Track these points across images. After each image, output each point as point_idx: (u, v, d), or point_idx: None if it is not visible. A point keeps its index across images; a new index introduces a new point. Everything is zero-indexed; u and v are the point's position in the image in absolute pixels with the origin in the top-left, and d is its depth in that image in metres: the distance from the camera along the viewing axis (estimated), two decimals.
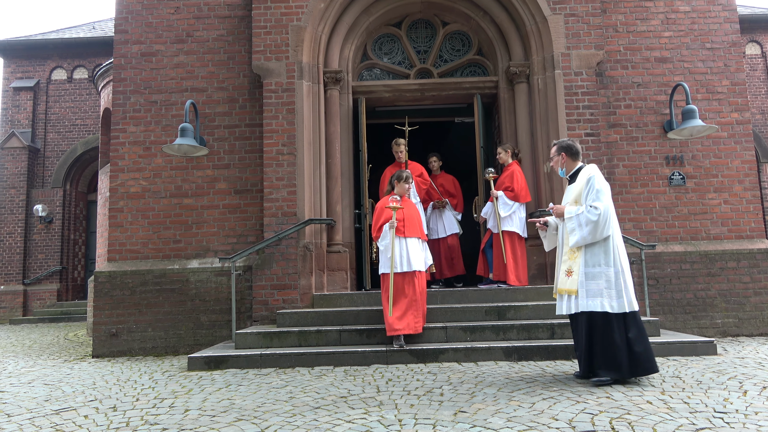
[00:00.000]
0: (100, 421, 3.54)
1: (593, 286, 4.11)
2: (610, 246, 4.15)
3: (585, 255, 4.18)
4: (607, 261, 4.13)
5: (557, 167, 4.56)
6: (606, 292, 4.08)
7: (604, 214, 4.11)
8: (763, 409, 3.29)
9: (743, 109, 7.33)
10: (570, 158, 4.48)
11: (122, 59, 7.49)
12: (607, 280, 4.10)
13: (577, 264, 4.18)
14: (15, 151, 14.57)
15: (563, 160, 4.50)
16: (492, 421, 3.21)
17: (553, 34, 7.05)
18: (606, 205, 4.15)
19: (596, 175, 4.29)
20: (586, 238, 4.15)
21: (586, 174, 4.32)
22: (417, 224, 5.71)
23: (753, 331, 6.81)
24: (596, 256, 4.17)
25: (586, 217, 4.15)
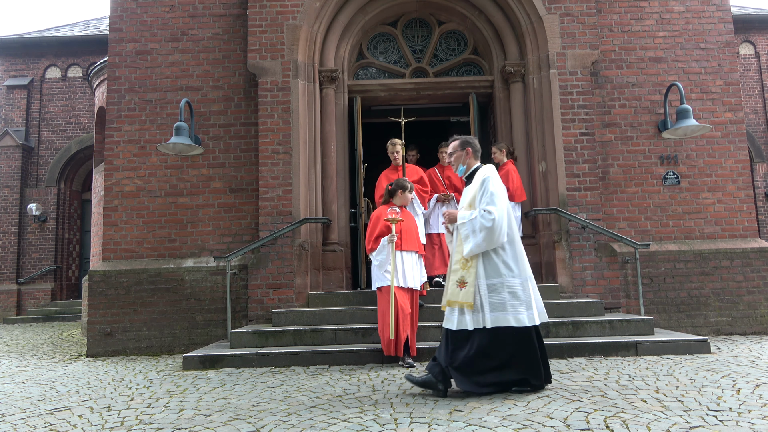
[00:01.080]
0: (95, 421, 3.53)
1: (496, 299, 3.76)
2: (509, 252, 3.84)
3: (483, 264, 3.82)
4: (510, 270, 3.82)
5: (457, 163, 4.15)
6: (510, 304, 3.75)
7: (499, 219, 3.76)
8: (756, 407, 3.31)
9: (737, 108, 7.37)
10: (473, 155, 4.12)
11: (117, 58, 7.46)
12: (510, 291, 3.78)
13: (471, 274, 3.80)
14: (8, 150, 14.49)
15: (467, 156, 4.11)
16: (487, 419, 3.21)
17: (549, 34, 7.07)
18: (501, 209, 3.80)
19: (491, 176, 3.94)
20: (481, 245, 3.79)
21: (482, 175, 3.96)
22: (414, 237, 5.36)
23: (746, 330, 6.85)
24: (496, 265, 3.81)
25: (480, 223, 3.78)
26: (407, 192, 5.36)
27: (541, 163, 7.06)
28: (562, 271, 6.71)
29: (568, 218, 6.69)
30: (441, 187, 6.95)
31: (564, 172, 6.85)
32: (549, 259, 6.88)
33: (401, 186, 5.36)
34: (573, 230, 6.75)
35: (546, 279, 6.90)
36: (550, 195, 6.91)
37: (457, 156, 4.12)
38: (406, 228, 5.25)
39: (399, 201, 5.37)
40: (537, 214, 6.95)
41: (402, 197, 5.36)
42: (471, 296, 3.76)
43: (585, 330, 5.67)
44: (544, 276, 6.94)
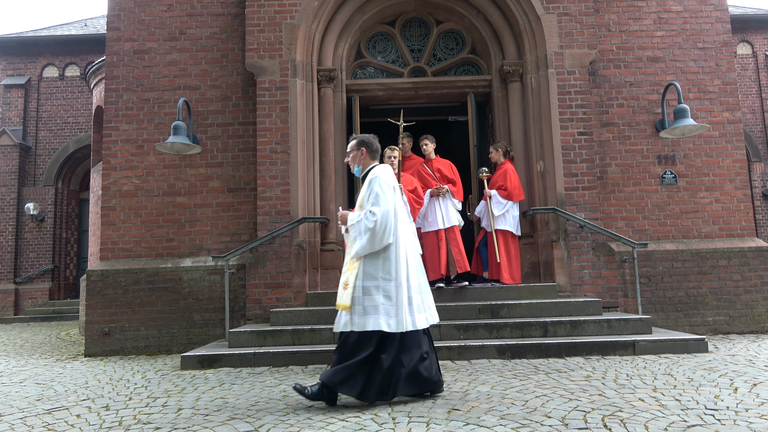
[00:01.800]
0: (93, 421, 3.52)
1: (369, 301, 3.64)
2: (390, 255, 3.71)
3: (363, 266, 3.72)
4: (387, 273, 3.68)
5: (353, 163, 4.05)
6: (383, 308, 3.62)
7: (381, 220, 3.65)
8: (753, 406, 3.32)
9: (734, 108, 7.38)
10: (369, 155, 4.00)
11: (114, 57, 7.45)
12: (385, 295, 3.65)
13: (353, 276, 3.71)
14: (6, 149, 14.45)
15: (362, 156, 3.99)
16: (485, 419, 3.22)
17: (547, 34, 7.07)
18: (385, 210, 3.68)
19: (380, 176, 3.81)
20: (365, 247, 3.68)
21: (371, 175, 3.86)
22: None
23: (743, 329, 6.87)
24: (374, 267, 3.70)
25: (364, 225, 3.69)
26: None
27: (539, 162, 7.06)
28: (560, 270, 6.71)
29: (566, 218, 6.69)
30: (432, 182, 6.69)
31: (562, 172, 6.86)
32: (547, 258, 6.89)
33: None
34: (571, 230, 6.75)
35: (544, 278, 6.91)
36: (548, 194, 6.92)
37: (354, 156, 4.02)
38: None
39: None
40: (535, 213, 6.95)
41: None
42: (349, 298, 3.66)
43: (583, 329, 5.68)
44: (542, 275, 6.95)
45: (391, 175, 3.93)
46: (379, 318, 3.59)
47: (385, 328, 3.59)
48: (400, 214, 3.86)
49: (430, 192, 6.55)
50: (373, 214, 3.67)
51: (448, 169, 6.78)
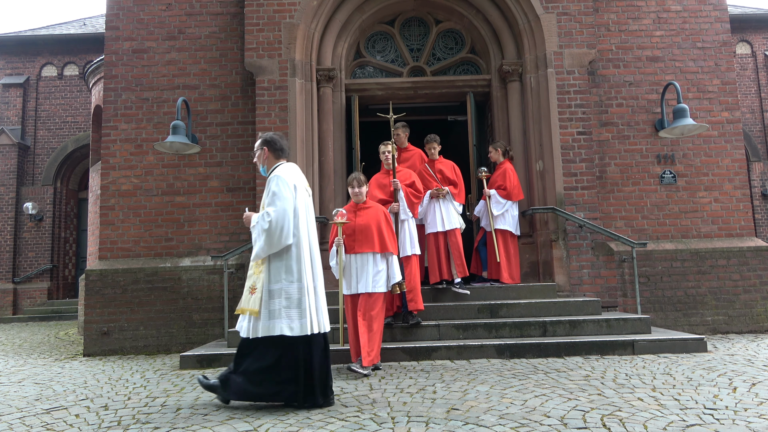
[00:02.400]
0: (92, 420, 3.52)
1: (274, 305, 3.57)
2: (293, 257, 3.62)
3: (269, 269, 3.63)
4: (291, 275, 3.60)
5: (259, 163, 3.95)
6: (286, 311, 3.55)
7: (277, 220, 3.55)
8: (752, 405, 3.32)
9: (733, 108, 7.39)
10: (272, 154, 3.90)
11: (113, 56, 7.44)
12: (287, 297, 3.58)
13: (260, 279, 3.62)
14: (4, 149, 14.43)
15: (265, 155, 3.90)
16: (484, 418, 3.22)
17: (546, 33, 7.07)
18: (281, 210, 3.57)
19: (280, 175, 3.70)
20: (264, 248, 3.59)
21: (272, 175, 3.76)
22: (371, 236, 4.78)
23: (742, 329, 6.87)
24: (279, 269, 3.61)
25: (260, 226, 3.60)
26: (355, 188, 4.90)
27: (538, 162, 7.06)
28: (559, 270, 6.71)
29: (566, 217, 6.70)
30: (434, 183, 6.41)
31: (561, 171, 6.86)
32: (546, 258, 6.89)
33: (348, 182, 5.00)
34: (570, 229, 6.76)
35: (543, 278, 6.91)
36: (548, 194, 6.92)
37: (258, 155, 3.93)
38: (360, 227, 4.78)
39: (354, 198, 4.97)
40: (534, 213, 6.95)
41: (352, 194, 4.95)
42: (258, 303, 3.58)
43: (582, 329, 5.68)
44: (541, 275, 6.95)
45: (294, 174, 3.80)
46: (283, 322, 3.53)
47: (288, 332, 3.52)
48: (303, 214, 3.74)
49: (429, 193, 6.26)
50: (269, 215, 3.58)
51: (450, 170, 6.50)
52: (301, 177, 3.88)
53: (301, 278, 3.62)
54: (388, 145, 5.89)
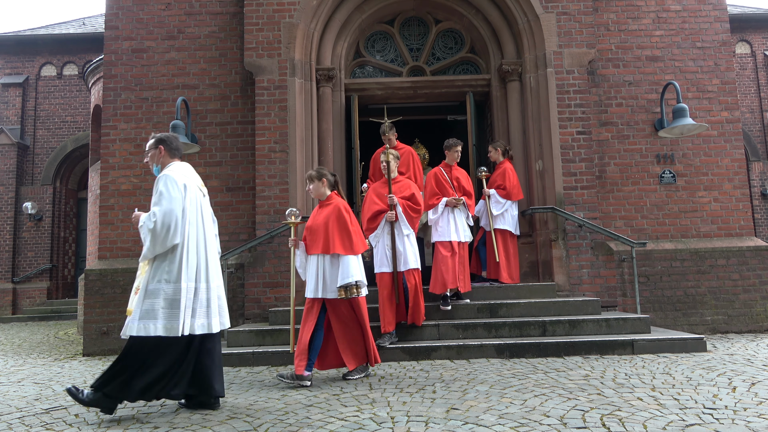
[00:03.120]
0: (91, 420, 3.52)
1: (148, 305, 3.51)
2: (176, 257, 3.55)
3: (152, 269, 3.57)
4: (169, 275, 3.52)
5: (152, 163, 3.85)
6: (160, 312, 3.48)
7: (162, 220, 3.48)
8: (751, 405, 3.32)
9: (733, 108, 7.39)
10: (167, 153, 3.81)
11: (113, 55, 7.43)
12: (164, 298, 3.50)
13: (143, 279, 3.56)
14: (4, 148, 14.42)
15: (160, 154, 3.80)
16: (484, 418, 3.22)
17: (545, 33, 7.07)
18: (167, 210, 3.51)
19: (169, 174, 3.62)
20: (150, 249, 3.53)
21: (161, 173, 3.68)
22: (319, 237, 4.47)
23: (742, 328, 6.88)
24: (161, 269, 3.55)
25: (146, 226, 3.53)
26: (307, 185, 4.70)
27: (538, 161, 7.07)
28: (558, 269, 6.71)
29: (565, 217, 6.70)
30: (450, 190, 6.08)
31: (561, 171, 6.86)
32: (546, 257, 6.89)
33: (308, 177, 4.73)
34: (570, 229, 6.76)
35: (543, 278, 6.91)
36: (547, 194, 6.92)
37: (152, 155, 3.83)
38: (315, 226, 4.53)
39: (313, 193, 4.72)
40: (534, 212, 6.96)
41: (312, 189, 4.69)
42: (134, 302, 3.54)
43: (581, 328, 5.68)
44: (541, 275, 6.95)
45: (185, 173, 3.72)
46: (158, 322, 3.47)
47: (159, 333, 3.46)
48: (193, 213, 3.66)
49: (445, 201, 5.99)
50: (154, 215, 3.51)
51: (465, 179, 6.23)
52: (193, 176, 3.81)
53: (180, 279, 3.54)
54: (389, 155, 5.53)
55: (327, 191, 4.69)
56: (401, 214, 5.37)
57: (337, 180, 4.82)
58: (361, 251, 4.56)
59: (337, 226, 4.49)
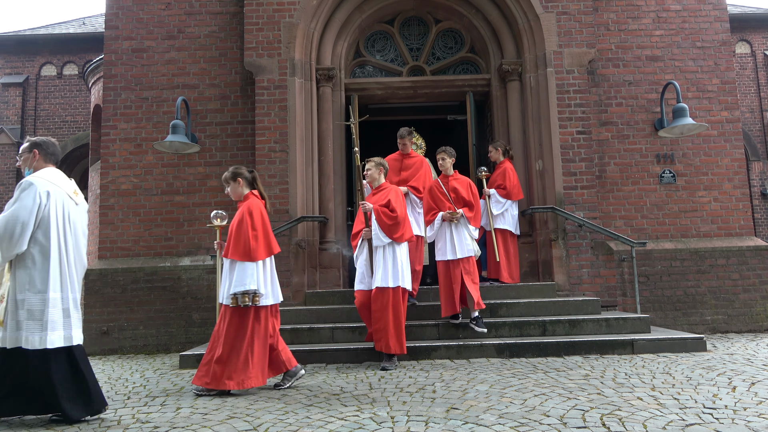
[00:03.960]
0: (91, 420, 3.51)
1: (19, 316, 3.36)
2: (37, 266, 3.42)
3: (14, 278, 3.42)
4: (33, 286, 3.39)
5: (24, 166, 3.74)
6: (26, 323, 3.34)
7: (5, 226, 3.33)
8: (751, 404, 3.32)
9: (733, 107, 7.39)
10: (42, 158, 3.70)
11: (113, 55, 7.43)
12: (29, 309, 3.36)
13: (7, 288, 3.42)
14: (4, 148, 14.42)
15: (34, 158, 3.69)
16: (484, 417, 3.22)
17: (545, 32, 7.07)
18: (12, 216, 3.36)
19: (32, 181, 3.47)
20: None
21: (25, 179, 3.55)
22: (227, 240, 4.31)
23: (742, 328, 6.88)
24: (22, 279, 3.40)
25: None
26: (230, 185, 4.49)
27: (538, 161, 7.07)
28: (558, 269, 6.72)
29: (565, 217, 6.70)
30: (446, 203, 5.65)
31: (561, 171, 6.86)
32: (546, 257, 6.89)
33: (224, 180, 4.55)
34: (570, 228, 6.76)
35: (543, 277, 6.91)
36: (547, 193, 6.92)
37: (25, 158, 3.72)
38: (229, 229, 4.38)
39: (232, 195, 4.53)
40: (534, 212, 6.96)
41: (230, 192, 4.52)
42: (2, 313, 3.38)
43: (581, 328, 5.68)
44: (541, 274, 6.95)
45: (52, 180, 3.58)
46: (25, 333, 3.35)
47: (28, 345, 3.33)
48: (58, 222, 3.51)
49: (441, 215, 5.58)
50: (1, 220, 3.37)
51: (466, 189, 5.72)
52: (65, 184, 3.65)
53: (46, 290, 3.41)
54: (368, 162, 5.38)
55: (244, 190, 4.46)
56: (375, 223, 4.97)
57: (255, 177, 4.54)
58: (262, 257, 4.25)
59: (236, 230, 4.28)
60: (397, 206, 5.05)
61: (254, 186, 4.51)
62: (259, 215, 4.33)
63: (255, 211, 4.32)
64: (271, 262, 4.43)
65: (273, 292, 4.39)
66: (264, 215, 4.39)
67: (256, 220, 4.29)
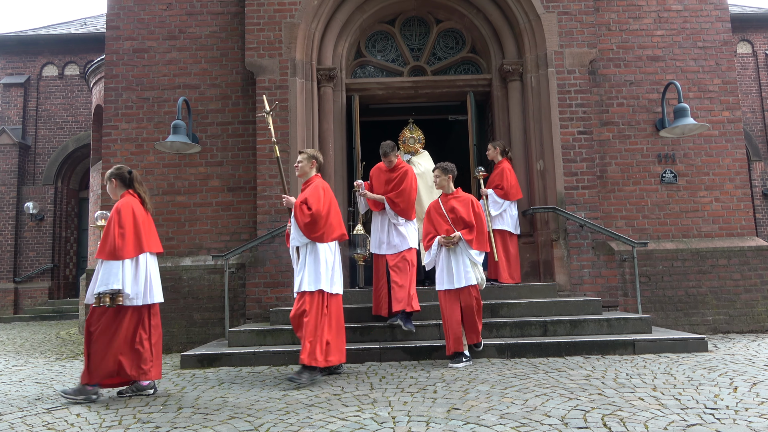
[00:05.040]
0: (93, 420, 3.52)
1: None
2: None
3: None
4: None
5: None
6: None
7: None
8: (753, 405, 3.32)
9: (734, 107, 7.38)
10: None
11: (114, 55, 7.44)
12: None
13: None
14: (5, 148, 14.44)
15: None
16: (485, 417, 3.22)
17: (546, 32, 7.07)
18: None
19: None
20: None
21: None
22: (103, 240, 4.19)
23: (743, 328, 6.87)
24: None
25: None
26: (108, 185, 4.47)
27: (539, 161, 7.06)
28: (559, 269, 6.71)
29: (566, 217, 6.69)
30: (443, 225, 5.05)
31: (562, 171, 6.86)
32: (547, 257, 6.89)
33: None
34: (571, 229, 6.75)
35: (544, 277, 6.91)
36: (548, 193, 6.91)
37: None
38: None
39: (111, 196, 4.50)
40: (535, 212, 6.95)
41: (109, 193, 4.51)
42: None
43: (583, 328, 5.68)
44: (542, 274, 6.95)
45: None
46: None
47: None
48: None
49: (437, 240, 5.02)
50: None
51: (466, 207, 5.05)
52: None
53: None
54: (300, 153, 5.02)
55: (119, 191, 4.42)
56: (293, 220, 4.61)
57: (134, 177, 4.45)
58: (129, 256, 4.15)
59: (105, 229, 4.22)
60: (314, 202, 4.52)
61: (132, 186, 4.42)
62: (130, 214, 4.22)
63: (124, 209, 4.21)
64: (146, 262, 4.28)
65: (149, 292, 4.27)
66: (137, 214, 4.26)
67: (123, 219, 4.18)
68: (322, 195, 4.63)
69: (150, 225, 4.41)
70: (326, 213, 4.60)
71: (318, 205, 4.53)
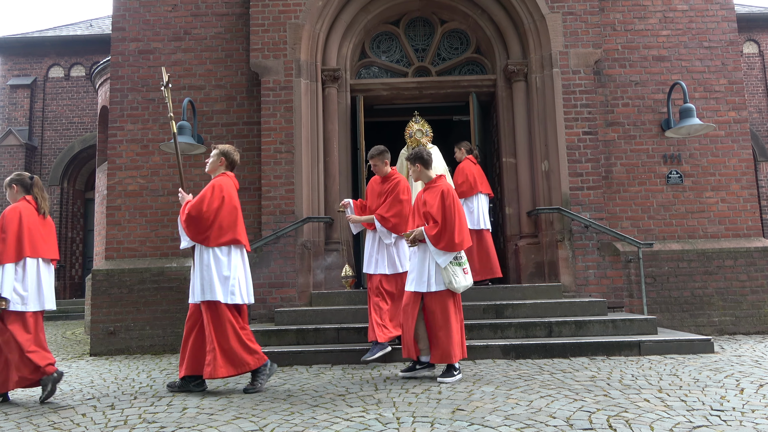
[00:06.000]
0: (98, 420, 3.54)
1: None
2: None
3: None
4: None
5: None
6: None
7: None
8: (759, 406, 3.30)
9: (740, 107, 7.34)
10: None
11: (120, 57, 7.47)
12: None
13: None
14: (12, 149, 14.52)
15: None
16: (490, 419, 3.21)
17: (551, 33, 7.06)
18: None
19: None
20: None
21: None
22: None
23: (750, 329, 6.83)
24: None
25: None
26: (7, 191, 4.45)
27: (543, 162, 7.05)
28: (564, 270, 6.69)
29: (571, 217, 6.67)
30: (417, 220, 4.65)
31: (567, 171, 6.84)
32: (552, 258, 6.87)
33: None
34: (576, 229, 6.73)
35: (549, 278, 6.89)
36: (553, 194, 6.90)
37: None
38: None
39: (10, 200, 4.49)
40: (539, 213, 6.94)
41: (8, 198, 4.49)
42: None
43: (588, 329, 5.66)
44: (546, 275, 6.93)
45: None
46: None
47: None
48: None
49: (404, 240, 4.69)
50: None
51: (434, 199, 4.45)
52: None
53: None
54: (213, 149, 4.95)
55: (17, 196, 4.39)
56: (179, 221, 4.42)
57: (34, 183, 4.43)
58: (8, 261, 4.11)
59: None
60: (198, 201, 4.37)
61: (31, 192, 4.39)
62: (15, 218, 4.18)
63: (9, 214, 4.19)
64: (39, 268, 4.25)
65: (37, 298, 4.22)
66: (25, 219, 4.22)
67: (7, 223, 4.16)
68: (211, 194, 4.41)
69: (43, 230, 4.33)
70: (213, 214, 4.37)
71: (201, 205, 4.32)
